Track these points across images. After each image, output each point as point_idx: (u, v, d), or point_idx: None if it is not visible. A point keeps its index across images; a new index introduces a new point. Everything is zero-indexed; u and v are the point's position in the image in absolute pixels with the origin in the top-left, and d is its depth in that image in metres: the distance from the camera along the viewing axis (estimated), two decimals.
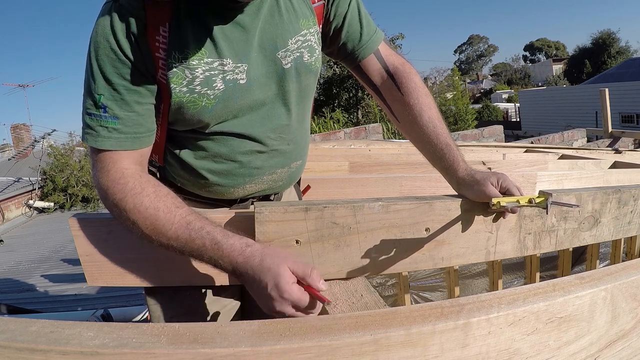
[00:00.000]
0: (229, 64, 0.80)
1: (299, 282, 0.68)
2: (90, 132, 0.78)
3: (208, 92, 0.80)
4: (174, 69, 0.77)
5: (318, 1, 0.90)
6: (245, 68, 0.82)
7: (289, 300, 0.67)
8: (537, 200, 0.82)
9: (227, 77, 0.80)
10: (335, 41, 0.95)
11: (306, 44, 0.88)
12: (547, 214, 0.85)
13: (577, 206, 0.82)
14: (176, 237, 0.74)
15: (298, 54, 0.87)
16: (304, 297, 0.67)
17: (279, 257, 0.69)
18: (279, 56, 0.84)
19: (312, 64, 0.90)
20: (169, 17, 0.76)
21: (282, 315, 0.68)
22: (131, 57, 0.75)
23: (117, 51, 0.74)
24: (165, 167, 0.94)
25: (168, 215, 0.74)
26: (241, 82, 0.82)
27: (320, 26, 0.92)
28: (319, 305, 0.69)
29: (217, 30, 0.79)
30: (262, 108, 0.87)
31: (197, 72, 0.78)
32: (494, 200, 0.84)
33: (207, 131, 0.85)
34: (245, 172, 0.90)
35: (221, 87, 0.80)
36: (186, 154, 0.88)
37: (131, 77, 0.76)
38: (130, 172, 0.78)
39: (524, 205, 0.83)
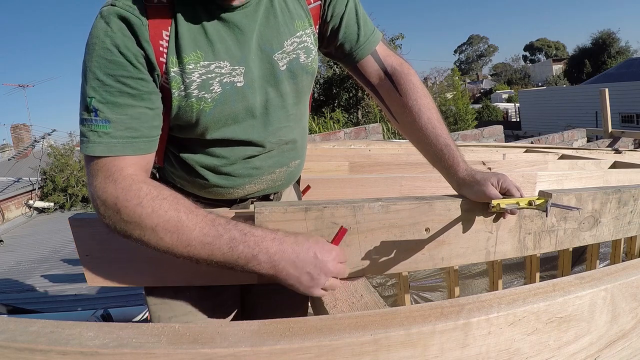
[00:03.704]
0: (225, 67, 0.80)
1: None
2: (83, 139, 0.74)
3: (205, 95, 0.79)
4: (172, 74, 0.76)
5: (314, 2, 0.90)
6: (243, 70, 0.81)
7: (337, 258, 0.76)
8: (537, 203, 0.82)
9: (224, 80, 0.80)
10: (333, 42, 0.95)
11: (302, 45, 0.88)
12: (546, 216, 0.84)
13: (577, 209, 0.82)
14: (202, 236, 0.69)
15: (294, 55, 0.87)
16: (342, 251, 0.78)
17: (303, 234, 0.77)
18: (275, 58, 0.84)
19: (309, 65, 0.90)
20: (170, 22, 0.75)
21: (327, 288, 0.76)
22: (129, 59, 0.73)
23: (114, 51, 0.72)
24: (165, 168, 0.94)
25: (190, 216, 0.70)
26: (238, 84, 0.82)
27: (317, 27, 0.92)
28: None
29: (214, 32, 0.78)
30: (261, 112, 0.87)
31: (194, 75, 0.77)
32: (494, 202, 0.84)
33: (208, 138, 0.84)
34: (245, 172, 0.90)
35: (218, 90, 0.80)
36: (187, 157, 0.88)
37: (126, 80, 0.73)
38: (141, 178, 0.74)
39: (523, 208, 0.83)
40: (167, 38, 0.75)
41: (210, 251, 0.70)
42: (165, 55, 0.75)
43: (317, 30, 0.92)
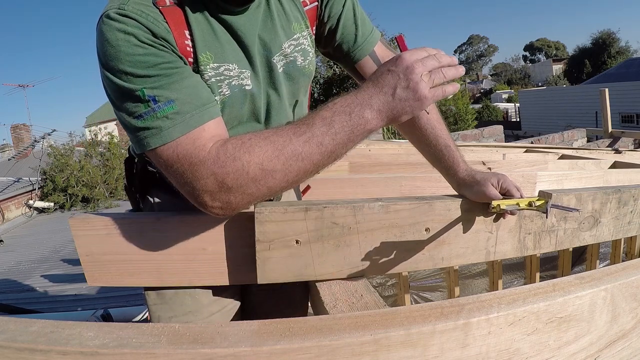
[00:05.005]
0: (234, 69, 0.79)
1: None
2: (150, 131, 0.68)
3: (215, 98, 0.79)
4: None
5: (310, 3, 0.89)
6: (249, 74, 0.81)
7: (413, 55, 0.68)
8: (537, 204, 0.82)
9: (233, 83, 0.80)
10: (331, 42, 0.95)
11: (299, 47, 0.87)
12: (546, 217, 0.85)
13: (577, 210, 0.82)
14: (303, 142, 0.67)
15: (292, 58, 0.86)
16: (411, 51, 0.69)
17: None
18: (274, 61, 0.84)
19: (306, 67, 0.90)
20: (184, 22, 0.74)
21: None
22: (160, 48, 0.69)
23: (143, 46, 0.68)
24: None
25: (279, 132, 0.68)
26: (247, 87, 0.81)
27: (314, 28, 0.92)
28: None
29: (222, 34, 0.78)
30: (265, 114, 0.87)
31: (204, 78, 0.77)
32: (494, 203, 0.84)
33: None
34: None
35: (227, 93, 0.79)
36: None
37: (167, 64, 0.69)
38: (220, 142, 0.69)
39: (523, 209, 0.83)
40: (190, 37, 0.74)
41: (320, 143, 0.67)
42: (192, 56, 0.74)
43: (314, 32, 0.92)
